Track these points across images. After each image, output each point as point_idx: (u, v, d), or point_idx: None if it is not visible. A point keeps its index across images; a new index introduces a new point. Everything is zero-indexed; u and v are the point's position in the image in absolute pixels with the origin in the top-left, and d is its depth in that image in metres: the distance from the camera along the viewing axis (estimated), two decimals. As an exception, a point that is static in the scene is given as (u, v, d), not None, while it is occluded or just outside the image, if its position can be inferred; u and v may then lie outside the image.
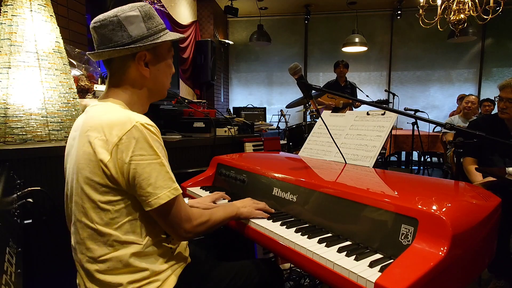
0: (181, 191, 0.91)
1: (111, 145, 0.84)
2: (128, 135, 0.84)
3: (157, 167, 0.86)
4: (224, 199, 1.41)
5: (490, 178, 1.92)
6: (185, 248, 1.09)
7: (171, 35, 1.02)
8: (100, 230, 0.88)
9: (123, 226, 0.89)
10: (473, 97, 3.87)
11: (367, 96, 4.59)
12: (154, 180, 0.85)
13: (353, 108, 4.92)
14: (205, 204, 1.34)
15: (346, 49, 6.19)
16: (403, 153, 5.61)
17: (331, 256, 0.86)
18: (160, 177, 0.86)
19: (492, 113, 2.51)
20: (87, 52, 0.98)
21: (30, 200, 1.03)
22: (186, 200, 1.35)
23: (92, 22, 0.95)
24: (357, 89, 5.04)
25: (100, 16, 0.94)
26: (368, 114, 1.62)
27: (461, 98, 5.60)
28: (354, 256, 0.85)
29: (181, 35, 1.06)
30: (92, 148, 0.85)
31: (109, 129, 0.85)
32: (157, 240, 0.95)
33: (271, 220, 1.15)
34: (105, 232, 0.88)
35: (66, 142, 1.02)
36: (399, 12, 6.80)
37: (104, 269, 0.89)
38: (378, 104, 1.37)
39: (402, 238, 0.84)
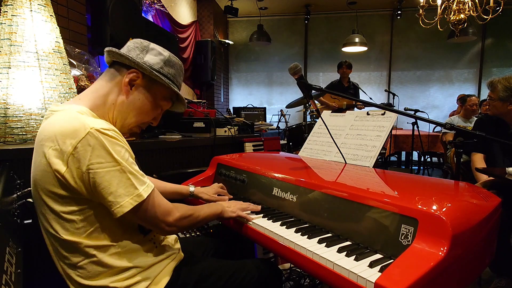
0: (150, 191, 0.87)
1: (66, 155, 0.79)
2: (83, 143, 0.79)
3: (117, 175, 0.81)
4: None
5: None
6: (174, 243, 1.08)
7: (172, 86, 0.99)
8: (68, 240, 0.84)
9: (92, 233, 0.86)
10: (475, 97, 3.89)
11: (370, 98, 4.57)
12: (115, 189, 0.81)
13: (355, 110, 4.91)
14: (210, 194, 1.40)
15: (346, 49, 6.18)
16: (403, 153, 5.61)
17: (331, 256, 0.86)
18: (121, 185, 0.82)
19: None
20: (106, 48, 0.97)
21: (30, 200, 1.02)
22: (192, 187, 1.40)
23: None
24: (359, 90, 5.03)
25: (141, 39, 1.01)
26: (368, 114, 1.62)
27: (461, 98, 5.59)
28: (354, 256, 0.85)
29: (182, 97, 1.04)
30: (46, 159, 0.81)
31: (62, 137, 0.80)
32: (134, 238, 0.93)
33: (271, 220, 1.15)
34: (74, 241, 0.85)
35: None
36: (399, 12, 6.79)
37: (86, 275, 0.87)
38: (380, 105, 1.37)
39: (402, 238, 0.84)
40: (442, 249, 0.74)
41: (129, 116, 0.98)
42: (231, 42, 7.55)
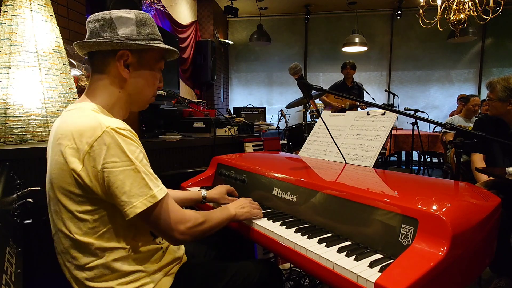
0: (164, 195, 0.85)
1: (82, 154, 0.80)
2: (99, 142, 0.79)
3: (131, 174, 0.80)
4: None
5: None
6: (178, 247, 1.08)
7: (161, 45, 0.97)
8: (80, 240, 0.85)
9: (104, 234, 0.86)
10: (478, 98, 3.90)
11: (373, 98, 4.57)
12: (129, 188, 0.80)
13: (359, 109, 4.91)
14: (222, 195, 1.37)
15: (346, 49, 6.18)
16: (403, 153, 5.61)
17: (331, 256, 0.86)
18: (135, 185, 0.81)
19: None
20: (74, 43, 0.94)
21: (30, 200, 1.02)
22: (204, 192, 1.36)
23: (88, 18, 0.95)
24: (364, 90, 5.04)
25: (96, 13, 0.93)
26: (368, 114, 1.62)
27: (461, 98, 5.60)
28: (354, 256, 0.85)
29: (173, 48, 1.00)
30: (63, 158, 0.82)
31: (79, 136, 0.80)
32: (144, 242, 0.92)
33: (271, 220, 1.15)
34: (86, 241, 0.85)
35: None
36: (399, 12, 6.79)
37: (92, 277, 0.87)
38: (382, 105, 1.37)
39: (402, 238, 0.84)
40: (442, 249, 0.74)
41: (142, 94, 0.99)
42: (231, 42, 7.55)
